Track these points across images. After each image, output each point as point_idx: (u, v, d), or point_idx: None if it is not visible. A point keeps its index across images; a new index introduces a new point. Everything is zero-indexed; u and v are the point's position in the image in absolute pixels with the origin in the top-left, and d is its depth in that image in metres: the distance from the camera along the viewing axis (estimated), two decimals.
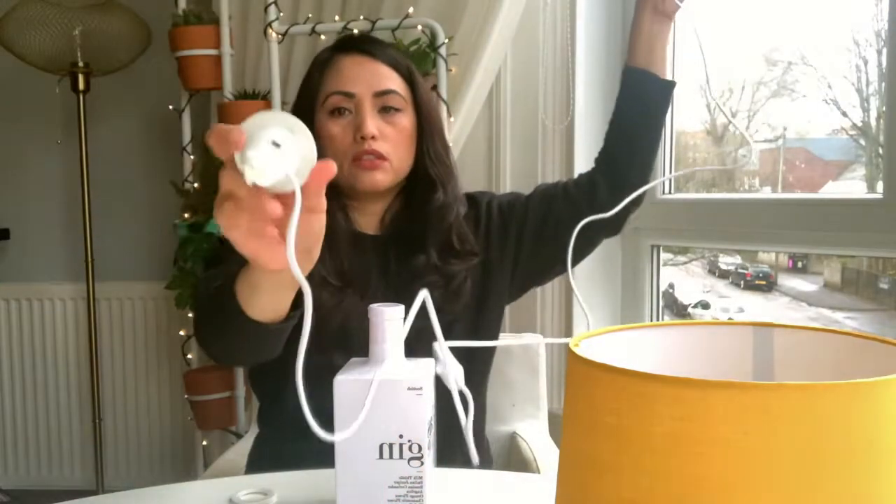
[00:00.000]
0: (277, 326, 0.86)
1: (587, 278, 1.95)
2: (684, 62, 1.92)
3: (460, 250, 1.24)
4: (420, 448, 0.77)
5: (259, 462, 1.25)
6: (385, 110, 1.20)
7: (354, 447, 0.79)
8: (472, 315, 1.25)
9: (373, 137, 1.17)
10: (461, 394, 0.82)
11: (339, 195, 1.23)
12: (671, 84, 1.23)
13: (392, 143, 1.20)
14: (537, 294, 1.99)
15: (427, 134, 1.24)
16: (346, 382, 0.78)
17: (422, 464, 0.78)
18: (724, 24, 1.95)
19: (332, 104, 1.20)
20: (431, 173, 1.24)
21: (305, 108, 1.23)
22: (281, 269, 0.67)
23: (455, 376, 0.82)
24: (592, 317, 0.84)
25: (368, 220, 1.26)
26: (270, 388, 1.25)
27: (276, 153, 0.61)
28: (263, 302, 0.83)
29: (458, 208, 1.26)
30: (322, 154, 1.17)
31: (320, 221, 0.69)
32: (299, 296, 0.84)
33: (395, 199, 1.27)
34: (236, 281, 0.84)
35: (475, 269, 1.25)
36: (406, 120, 1.22)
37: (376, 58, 1.22)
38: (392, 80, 1.22)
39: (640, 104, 1.24)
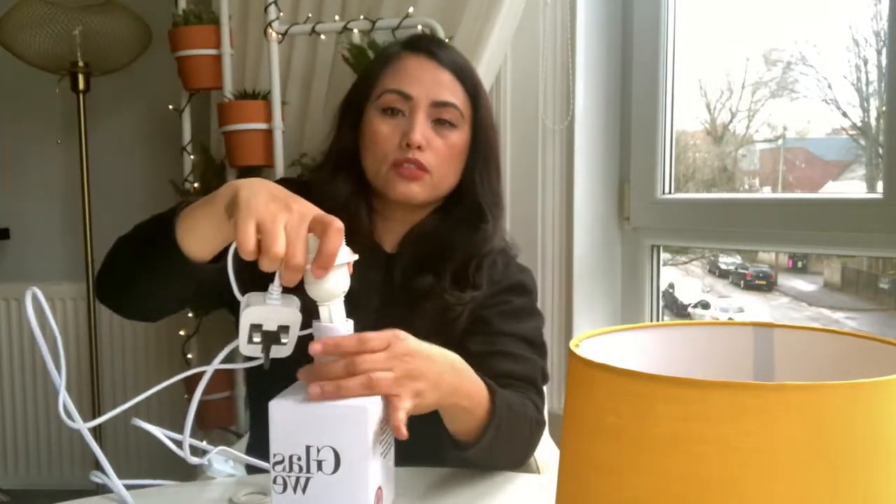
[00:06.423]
0: (201, 266, 0.89)
1: (587, 278, 1.95)
2: (684, 62, 1.92)
3: (470, 282, 1.15)
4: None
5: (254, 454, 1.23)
6: (439, 122, 1.14)
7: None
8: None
9: (419, 147, 1.11)
10: None
11: (368, 198, 1.17)
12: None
13: (438, 157, 1.13)
14: (537, 294, 1.98)
15: (481, 157, 1.17)
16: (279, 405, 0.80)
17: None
18: (723, 23, 1.95)
19: (387, 102, 1.13)
20: (482, 201, 1.16)
21: (358, 98, 1.17)
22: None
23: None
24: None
25: (390, 232, 1.19)
26: (257, 393, 1.22)
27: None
28: (198, 236, 0.88)
29: (495, 246, 1.18)
30: (363, 152, 1.18)
31: None
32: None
33: (426, 218, 1.19)
34: (181, 210, 0.90)
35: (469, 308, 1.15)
36: (458, 137, 1.15)
37: (442, 64, 1.15)
38: (453, 93, 1.14)
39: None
